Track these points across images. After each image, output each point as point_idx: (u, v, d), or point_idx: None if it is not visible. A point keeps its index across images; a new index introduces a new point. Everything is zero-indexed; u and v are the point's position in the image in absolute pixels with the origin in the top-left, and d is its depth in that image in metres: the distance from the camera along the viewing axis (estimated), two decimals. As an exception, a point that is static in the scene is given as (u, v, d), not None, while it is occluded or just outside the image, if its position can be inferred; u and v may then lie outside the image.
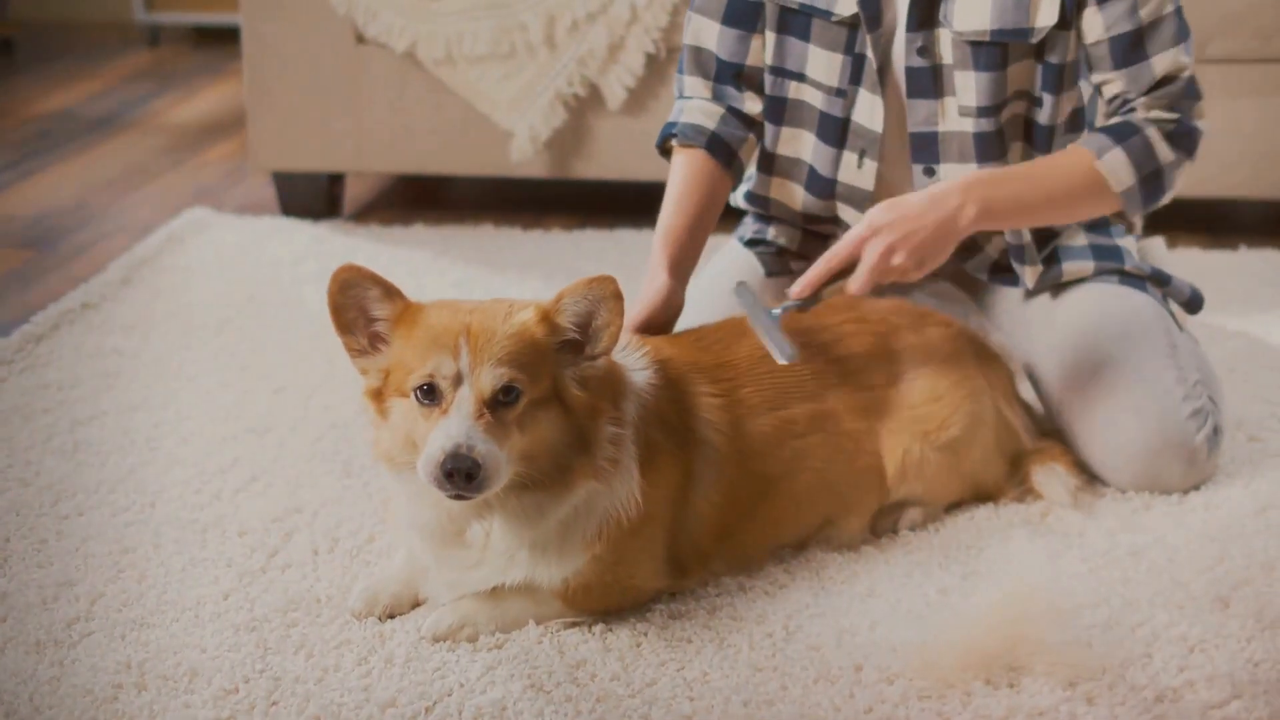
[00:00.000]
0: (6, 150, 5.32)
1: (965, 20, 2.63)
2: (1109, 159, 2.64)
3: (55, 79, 6.46)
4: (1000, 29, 2.62)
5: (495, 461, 2.15)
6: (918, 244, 2.55)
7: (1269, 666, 2.26)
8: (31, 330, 3.52)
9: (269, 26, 4.30)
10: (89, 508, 2.76)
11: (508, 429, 2.19)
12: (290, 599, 2.46)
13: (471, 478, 2.13)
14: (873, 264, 2.54)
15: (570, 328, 2.27)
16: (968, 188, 2.60)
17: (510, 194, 4.80)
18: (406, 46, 4.19)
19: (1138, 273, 2.87)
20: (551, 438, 2.25)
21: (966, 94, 2.67)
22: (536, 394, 2.22)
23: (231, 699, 2.21)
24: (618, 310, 2.25)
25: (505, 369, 2.19)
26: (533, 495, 2.27)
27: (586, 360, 2.28)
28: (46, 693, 2.23)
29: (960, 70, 2.67)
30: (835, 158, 2.79)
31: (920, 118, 2.72)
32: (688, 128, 2.81)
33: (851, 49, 2.71)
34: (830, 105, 2.76)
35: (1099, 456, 2.77)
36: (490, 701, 2.20)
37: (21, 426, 3.09)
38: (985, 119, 2.68)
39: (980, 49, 2.64)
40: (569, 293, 2.26)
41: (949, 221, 2.57)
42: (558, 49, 4.14)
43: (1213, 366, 2.98)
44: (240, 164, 5.05)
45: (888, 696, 2.20)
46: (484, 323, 2.22)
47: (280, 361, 3.42)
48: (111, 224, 4.49)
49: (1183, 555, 2.56)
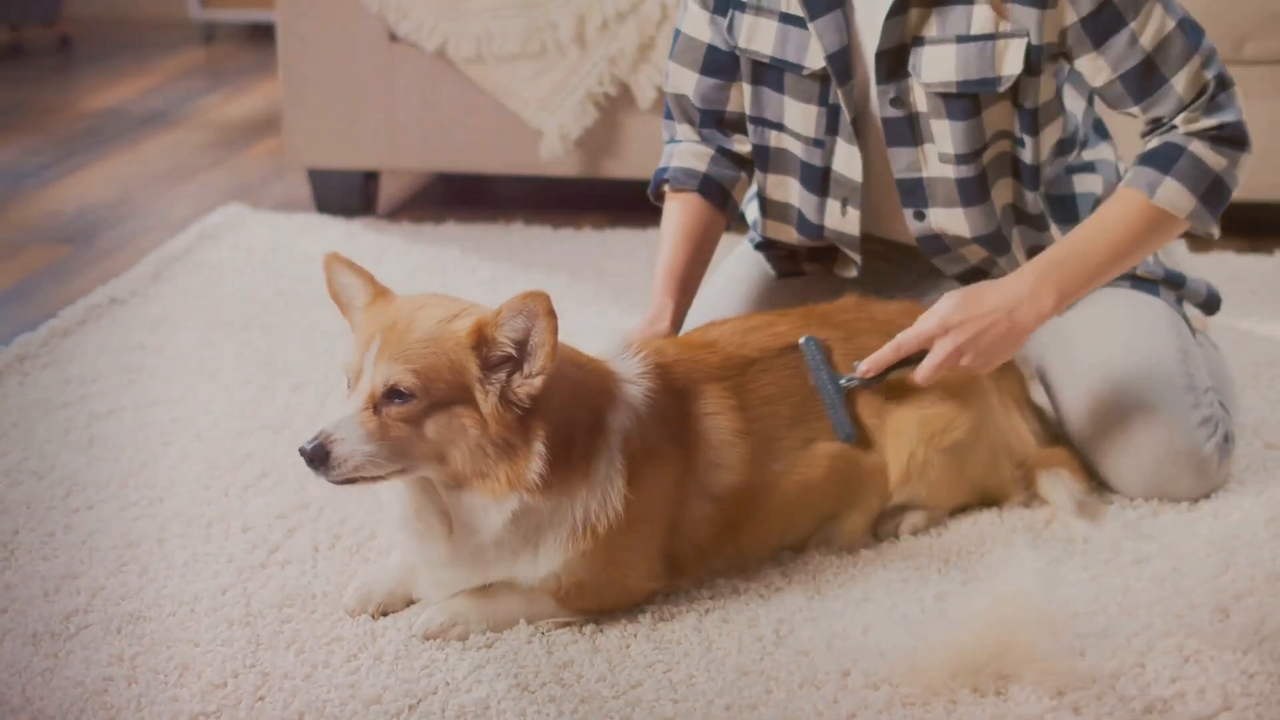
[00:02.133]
0: (54, 146, 5.39)
1: (932, 72, 2.59)
2: (1164, 193, 2.56)
3: (109, 76, 6.54)
4: (966, 79, 2.58)
5: (348, 451, 2.21)
6: (986, 346, 2.53)
7: (1264, 679, 2.23)
8: (58, 325, 3.57)
9: (303, 24, 4.33)
10: (99, 501, 2.79)
11: (394, 427, 2.22)
12: (287, 595, 2.48)
13: (312, 461, 2.21)
14: (938, 363, 2.53)
15: (507, 343, 2.25)
16: (1041, 280, 2.55)
17: (544, 193, 4.81)
18: (437, 45, 4.21)
19: (1150, 276, 2.83)
20: (462, 442, 2.26)
21: (944, 141, 2.64)
22: (440, 398, 2.23)
23: (219, 693, 2.23)
24: (551, 328, 2.24)
25: (400, 369, 2.22)
26: (469, 497, 2.29)
27: (521, 381, 2.26)
28: (39, 684, 2.25)
29: (935, 119, 2.63)
30: (820, 205, 2.78)
31: (903, 165, 2.69)
32: (679, 171, 2.79)
33: (825, 100, 2.69)
34: (810, 155, 2.74)
35: (1107, 464, 2.74)
36: (474, 700, 2.20)
37: (41, 420, 3.13)
38: (965, 165, 2.65)
39: (951, 100, 2.60)
40: (506, 308, 2.25)
41: (1021, 316, 2.54)
42: (588, 48, 4.15)
43: (1229, 372, 2.95)
44: (280, 161, 5.09)
45: (872, 702, 2.19)
46: (409, 323, 2.26)
47: (301, 358, 3.44)
48: (150, 220, 4.54)
49: (1187, 564, 2.53)
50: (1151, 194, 2.56)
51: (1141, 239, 2.58)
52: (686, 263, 2.75)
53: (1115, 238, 2.57)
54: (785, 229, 2.88)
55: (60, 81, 6.46)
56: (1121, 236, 2.57)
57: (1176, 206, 2.56)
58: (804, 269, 2.98)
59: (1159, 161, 2.57)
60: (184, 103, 6.08)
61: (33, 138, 5.51)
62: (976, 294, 2.55)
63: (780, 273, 2.99)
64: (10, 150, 5.34)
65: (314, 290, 3.87)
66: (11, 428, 3.09)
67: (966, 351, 2.53)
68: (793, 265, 2.99)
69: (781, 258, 2.99)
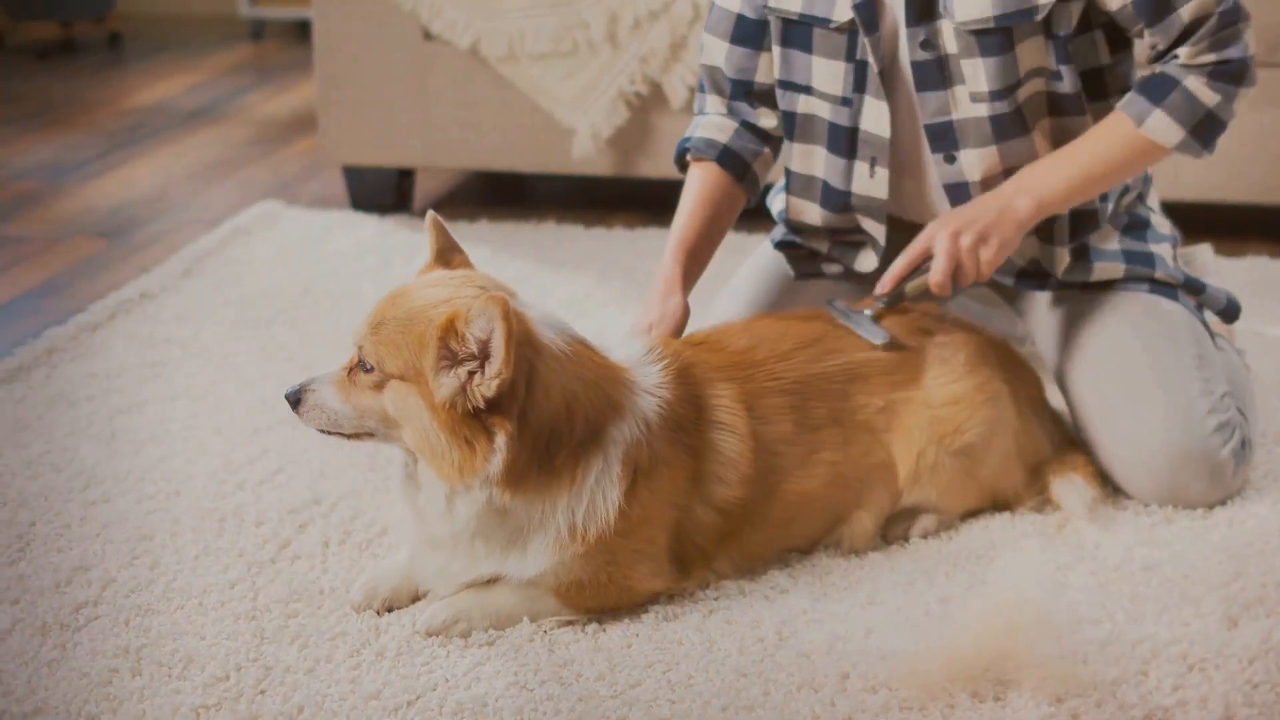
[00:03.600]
0: (98, 141, 5.45)
1: (965, 10, 2.59)
2: (1151, 123, 2.62)
3: (158, 72, 6.61)
4: (1003, 14, 2.58)
5: (313, 399, 2.39)
6: (984, 227, 2.62)
7: (1268, 689, 2.21)
8: (87, 319, 3.61)
9: (338, 22, 4.35)
10: (116, 494, 2.82)
11: (359, 392, 2.36)
12: (294, 590, 2.49)
13: (289, 401, 2.42)
14: (947, 248, 2.62)
15: (473, 341, 2.25)
16: (1018, 182, 2.65)
17: (578, 191, 4.81)
18: (470, 43, 4.23)
19: (1169, 281, 2.81)
20: (415, 420, 2.31)
21: (976, 80, 2.64)
22: (397, 375, 2.32)
23: (220, 686, 2.25)
24: (506, 334, 2.22)
25: (369, 341, 2.34)
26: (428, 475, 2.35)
27: (480, 382, 2.25)
28: (45, 675, 2.28)
29: (966, 58, 2.63)
30: (847, 169, 2.77)
31: (932, 110, 2.69)
32: (700, 141, 2.84)
33: (853, 56, 2.70)
34: (837, 115, 2.74)
35: (1121, 468, 2.72)
36: (472, 698, 2.21)
37: (64, 413, 3.16)
38: (1000, 102, 2.65)
39: (985, 36, 2.60)
40: (473, 308, 2.24)
41: (1008, 209, 2.63)
42: (620, 47, 4.15)
43: (1248, 378, 2.92)
44: (319, 158, 5.12)
45: (869, 706, 2.18)
46: (405, 299, 2.34)
47: (326, 354, 3.45)
48: (187, 216, 4.58)
49: (1198, 572, 2.50)
50: (1140, 123, 2.62)
51: (1124, 163, 2.65)
52: (698, 231, 2.79)
53: (1099, 161, 2.64)
54: (809, 207, 2.87)
55: (109, 77, 6.53)
56: (1104, 160, 2.65)
57: (1163, 137, 2.62)
58: (824, 270, 2.97)
59: (1151, 92, 2.62)
60: (229, 99, 6.13)
61: (78, 133, 5.57)
62: (964, 205, 2.68)
63: (799, 273, 2.98)
64: (55, 145, 5.40)
65: (343, 286, 3.90)
66: (35, 420, 3.13)
67: (966, 232, 2.61)
68: (813, 265, 2.98)
69: (801, 258, 2.98)
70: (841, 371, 2.60)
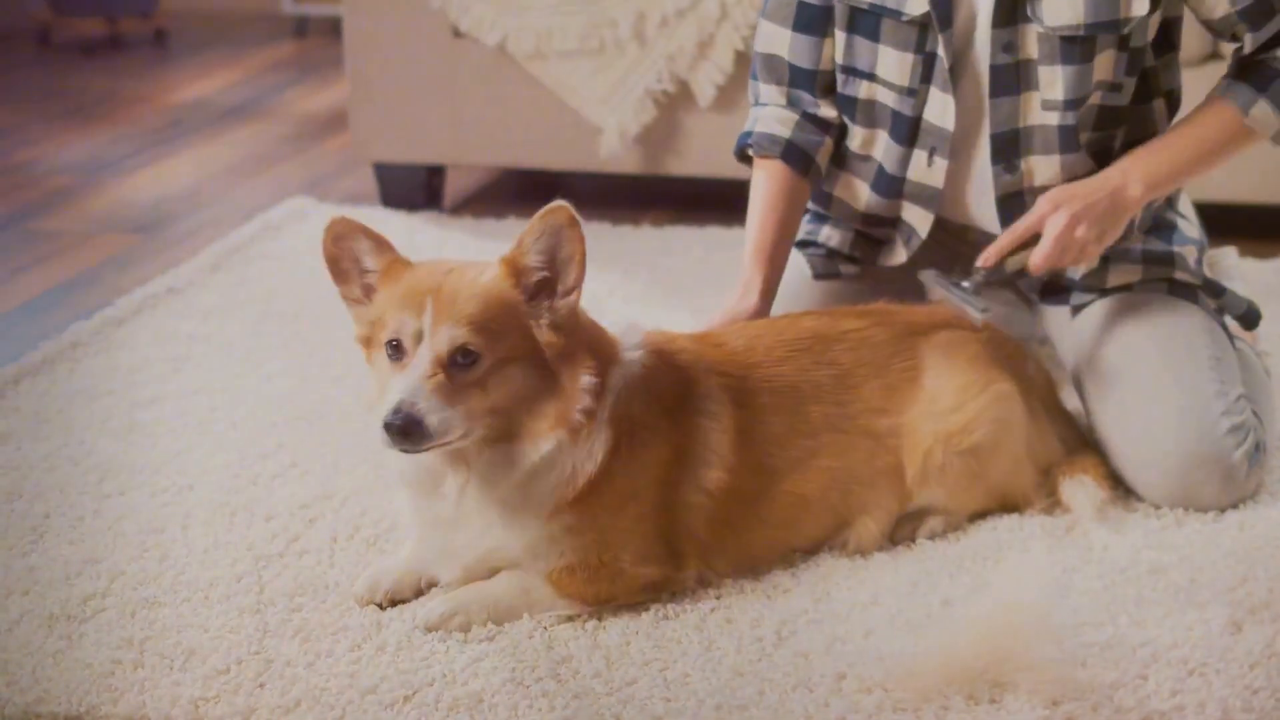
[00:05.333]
0: (137, 137, 5.50)
1: (1056, 15, 2.58)
2: (1256, 113, 2.65)
3: (200, 68, 6.66)
4: (1094, 22, 2.57)
5: (438, 420, 2.22)
6: (1098, 215, 2.62)
7: (1267, 695, 2.19)
8: (112, 314, 3.64)
9: (368, 19, 4.38)
10: (131, 487, 2.85)
11: (463, 390, 2.25)
12: (300, 584, 2.51)
13: (406, 434, 2.21)
14: (1058, 234, 2.61)
15: (537, 266, 2.30)
16: (1129, 168, 2.66)
17: (607, 189, 4.81)
18: (497, 41, 4.24)
19: (1190, 282, 2.79)
20: (522, 392, 2.30)
21: (1051, 88, 2.63)
22: (503, 353, 2.27)
23: (221, 679, 2.27)
24: (577, 237, 2.29)
25: (463, 330, 2.25)
26: (505, 446, 2.32)
27: (560, 298, 2.31)
28: (49, 665, 2.30)
29: (1046, 65, 2.61)
30: (905, 156, 2.76)
31: (1003, 115, 2.67)
32: (763, 137, 2.81)
33: (922, 48, 2.67)
34: (901, 104, 2.72)
35: (1133, 470, 2.70)
36: (468, 693, 2.22)
37: (85, 407, 3.20)
38: (1070, 112, 2.64)
39: (1070, 43, 2.59)
40: (528, 232, 2.30)
41: (1120, 194, 2.63)
42: (647, 45, 4.16)
43: (1267, 381, 2.89)
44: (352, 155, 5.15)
45: (863, 706, 2.17)
46: (454, 283, 2.28)
47: (345, 351, 3.47)
48: (220, 211, 4.62)
49: (1205, 576, 2.49)
50: (1246, 112, 2.64)
51: (1225, 149, 2.69)
52: (774, 234, 2.79)
53: (1203, 147, 2.67)
54: (856, 186, 2.86)
55: (152, 74, 6.59)
56: (1208, 146, 2.68)
57: (1265, 125, 2.65)
58: (841, 270, 2.96)
59: (1256, 80, 2.65)
60: (269, 95, 6.17)
61: (118, 128, 5.63)
62: (1072, 183, 2.66)
63: (817, 273, 2.97)
64: (95, 140, 5.46)
65: (368, 283, 3.92)
66: (56, 414, 3.16)
67: (1082, 220, 2.61)
68: (830, 266, 2.97)
69: (820, 257, 2.97)
70: (841, 375, 2.59)
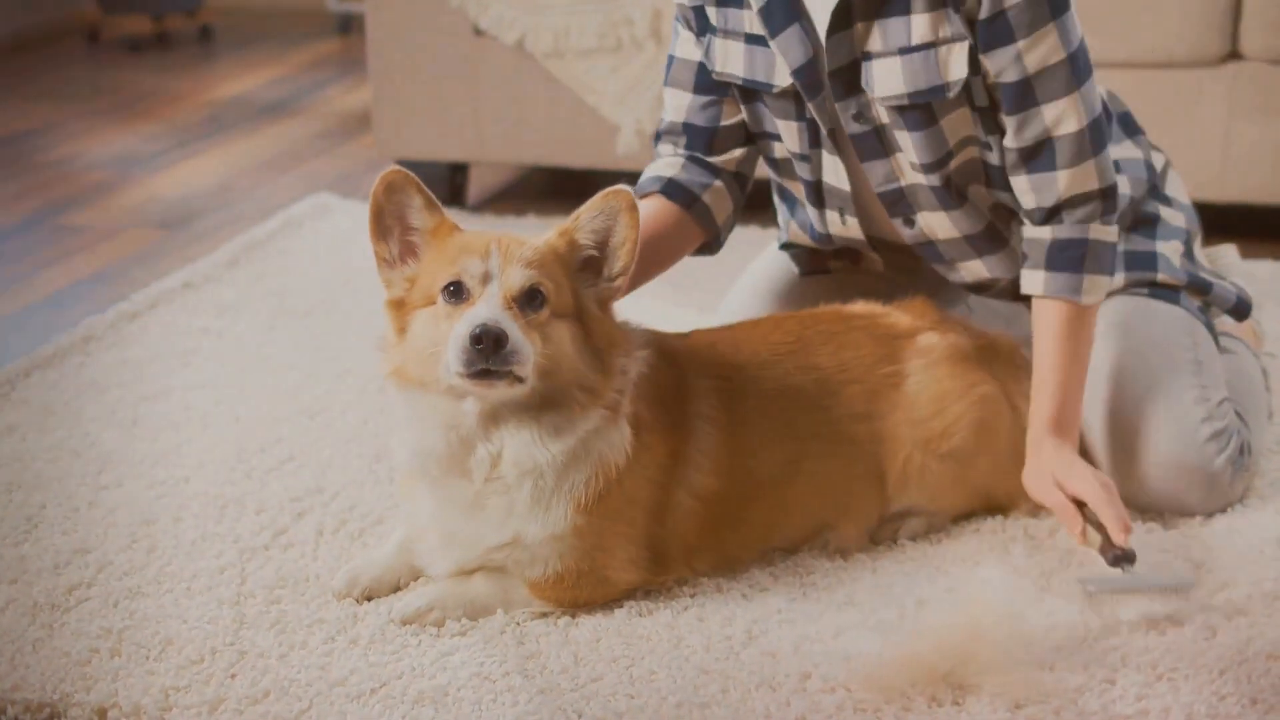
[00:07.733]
0: (173, 133, 5.57)
1: (883, 86, 2.55)
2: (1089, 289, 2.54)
3: (243, 65, 6.73)
4: (915, 90, 2.53)
5: (519, 343, 2.20)
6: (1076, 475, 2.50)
7: (1234, 701, 2.17)
8: (127, 308, 3.69)
9: (390, 18, 4.41)
10: (128, 479, 2.89)
11: (528, 332, 2.23)
12: (281, 577, 2.54)
13: (499, 344, 2.17)
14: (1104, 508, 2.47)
15: (589, 245, 2.32)
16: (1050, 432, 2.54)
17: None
18: (516, 39, 4.27)
19: (1173, 283, 2.76)
20: (572, 354, 2.30)
21: (909, 152, 2.61)
22: (559, 306, 2.28)
23: (194, 669, 2.30)
24: (633, 223, 2.30)
25: (533, 271, 2.25)
26: (551, 416, 2.30)
27: (605, 281, 2.34)
28: (28, 653, 2.34)
29: (898, 130, 2.60)
30: (821, 216, 2.78)
31: (880, 177, 2.67)
32: (648, 179, 2.76)
33: (803, 116, 2.66)
34: (801, 169, 2.73)
35: (1117, 477, 2.67)
36: (435, 687, 2.24)
37: (92, 400, 3.24)
38: (934, 174, 2.62)
39: (906, 111, 2.56)
40: (586, 209, 2.32)
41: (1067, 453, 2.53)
42: (664, 43, 4.16)
43: (1257, 381, 2.86)
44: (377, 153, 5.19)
45: (824, 706, 2.17)
46: (513, 238, 2.31)
47: (354, 347, 3.51)
48: (246, 208, 4.67)
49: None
50: (1080, 297, 2.53)
51: (1089, 338, 2.57)
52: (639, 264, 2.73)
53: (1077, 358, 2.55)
54: (803, 235, 2.89)
55: (196, 70, 6.66)
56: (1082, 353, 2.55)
57: (1097, 294, 2.55)
58: (829, 265, 2.97)
59: (1069, 262, 2.53)
60: (307, 93, 6.23)
61: (155, 124, 5.70)
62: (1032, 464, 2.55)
63: (805, 270, 2.97)
64: (132, 136, 5.53)
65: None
66: (63, 406, 3.21)
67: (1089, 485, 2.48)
68: (818, 262, 2.97)
69: (806, 255, 2.98)
70: (823, 381, 2.59)
